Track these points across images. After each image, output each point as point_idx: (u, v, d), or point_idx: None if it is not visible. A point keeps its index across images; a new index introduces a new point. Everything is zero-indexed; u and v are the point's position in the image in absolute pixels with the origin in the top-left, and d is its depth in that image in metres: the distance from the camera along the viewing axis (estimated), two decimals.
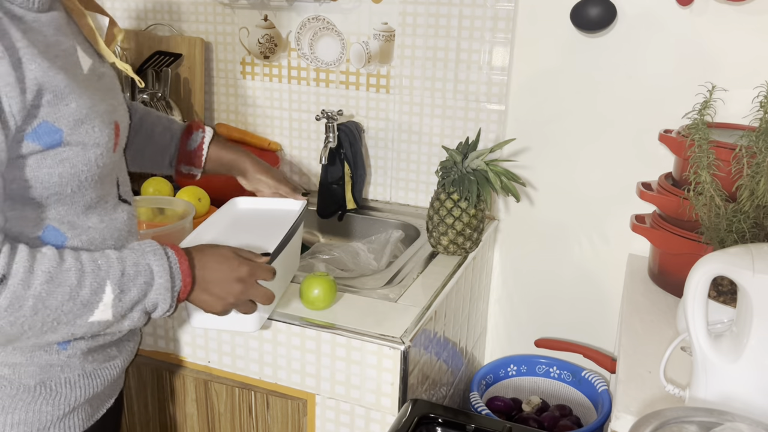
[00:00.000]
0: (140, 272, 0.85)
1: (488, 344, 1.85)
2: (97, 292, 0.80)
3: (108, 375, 0.97)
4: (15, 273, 0.74)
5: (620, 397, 1.06)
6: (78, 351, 0.90)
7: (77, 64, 0.84)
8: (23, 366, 0.86)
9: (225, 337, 1.25)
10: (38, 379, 0.87)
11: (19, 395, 0.87)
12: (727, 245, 1.18)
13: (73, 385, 0.91)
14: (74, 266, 0.79)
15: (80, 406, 0.93)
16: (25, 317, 0.76)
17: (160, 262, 0.87)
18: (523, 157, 1.66)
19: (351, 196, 1.73)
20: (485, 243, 1.60)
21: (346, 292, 1.28)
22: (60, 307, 0.78)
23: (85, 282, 0.79)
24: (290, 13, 1.75)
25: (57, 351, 0.88)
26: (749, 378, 0.93)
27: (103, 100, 0.86)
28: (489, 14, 1.57)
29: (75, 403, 0.92)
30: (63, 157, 0.81)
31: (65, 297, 0.78)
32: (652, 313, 1.32)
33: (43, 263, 0.77)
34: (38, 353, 0.87)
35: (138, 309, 0.86)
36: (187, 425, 1.36)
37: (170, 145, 1.22)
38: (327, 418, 1.23)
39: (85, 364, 0.92)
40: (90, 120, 0.82)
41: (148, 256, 0.86)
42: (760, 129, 1.20)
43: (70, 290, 0.78)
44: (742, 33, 1.41)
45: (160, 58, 1.84)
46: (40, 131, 0.78)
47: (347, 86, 1.76)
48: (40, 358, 0.87)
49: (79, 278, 0.79)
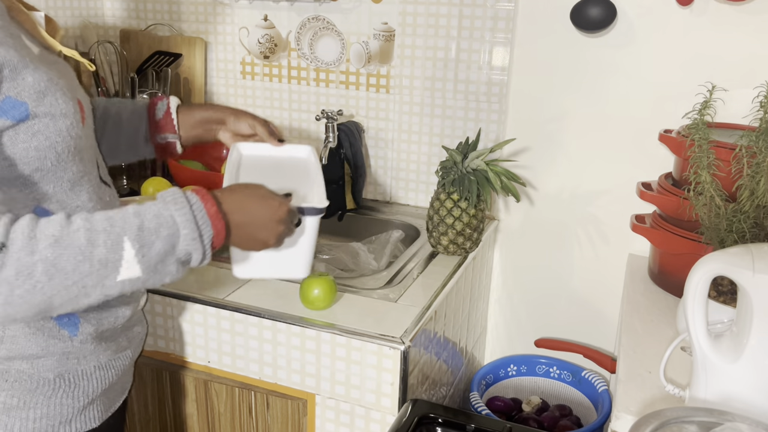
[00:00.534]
0: (162, 224, 0.80)
1: (488, 344, 1.85)
2: (114, 249, 0.77)
3: (121, 365, 0.99)
4: (13, 240, 0.72)
5: (620, 397, 1.06)
6: (88, 336, 0.91)
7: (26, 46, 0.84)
8: (40, 358, 0.87)
9: (225, 337, 1.25)
10: (56, 372, 0.89)
11: (40, 389, 0.88)
12: (727, 245, 1.18)
13: (90, 376, 0.93)
14: (83, 226, 0.76)
15: (98, 398, 0.96)
16: (42, 283, 0.73)
17: (182, 211, 0.82)
18: (523, 157, 1.66)
19: (351, 196, 1.73)
20: (485, 243, 1.60)
21: (346, 292, 1.28)
22: (76, 269, 0.74)
23: (98, 240, 0.76)
24: (290, 13, 1.75)
25: (69, 338, 0.89)
26: (749, 378, 0.93)
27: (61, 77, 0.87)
28: (489, 14, 1.57)
29: (93, 395, 0.94)
30: (35, 130, 0.81)
31: (78, 258, 0.74)
32: (652, 313, 1.32)
33: (48, 228, 0.74)
34: (52, 341, 0.87)
35: (171, 261, 0.82)
36: (187, 425, 1.36)
37: (140, 124, 1.19)
38: (327, 418, 1.23)
39: (99, 355, 0.94)
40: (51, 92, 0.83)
41: (170, 206, 0.82)
42: (760, 129, 1.20)
43: (80, 250, 0.75)
44: (742, 33, 1.41)
45: (160, 58, 1.84)
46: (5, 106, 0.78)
47: (347, 86, 1.76)
48: (55, 346, 0.88)
49: (89, 237, 0.75)
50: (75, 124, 0.86)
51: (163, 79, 1.82)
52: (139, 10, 1.92)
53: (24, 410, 0.88)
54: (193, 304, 1.26)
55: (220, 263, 1.39)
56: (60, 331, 0.88)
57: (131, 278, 0.79)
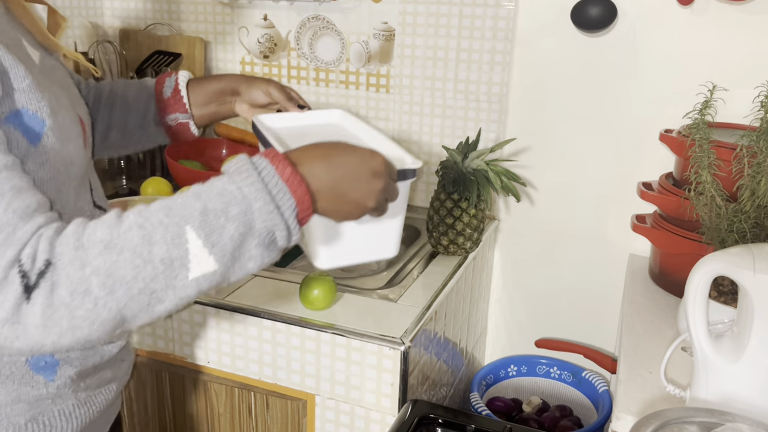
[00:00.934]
0: (230, 201, 0.65)
1: (488, 344, 1.85)
2: (176, 244, 0.63)
3: (104, 400, 0.88)
4: (60, 255, 0.61)
5: (621, 397, 1.06)
6: (67, 379, 0.81)
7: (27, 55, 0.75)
8: (9, 405, 0.77)
9: (225, 337, 1.25)
10: (29, 416, 0.78)
11: None
12: (727, 245, 1.18)
13: (69, 416, 0.82)
14: (135, 223, 0.63)
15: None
16: (103, 298, 0.61)
17: (249, 180, 0.66)
18: (523, 157, 1.66)
19: None
20: (485, 243, 1.59)
21: (346, 292, 1.28)
22: (137, 275, 0.62)
23: (155, 237, 0.63)
24: (290, 13, 1.75)
25: (45, 383, 0.78)
26: (750, 378, 0.93)
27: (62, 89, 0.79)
28: (489, 14, 1.57)
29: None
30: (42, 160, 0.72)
31: (136, 262, 0.62)
32: (652, 313, 1.32)
33: (96, 232, 0.63)
34: (24, 389, 0.77)
35: (251, 245, 0.67)
36: (187, 425, 1.36)
37: (149, 103, 1.07)
38: (327, 419, 1.23)
39: (78, 393, 0.83)
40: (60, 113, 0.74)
41: (235, 178, 0.66)
42: (760, 129, 1.19)
43: (137, 253, 0.62)
44: (742, 33, 1.41)
45: (159, 57, 1.84)
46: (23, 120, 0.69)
47: (347, 86, 1.76)
48: (27, 394, 0.77)
49: (143, 235, 0.63)
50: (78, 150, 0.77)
51: None
52: (139, 9, 1.92)
53: None
54: (193, 304, 1.25)
55: None
56: (34, 377, 0.78)
57: (206, 273, 0.65)
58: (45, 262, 0.60)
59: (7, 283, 0.59)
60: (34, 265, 0.60)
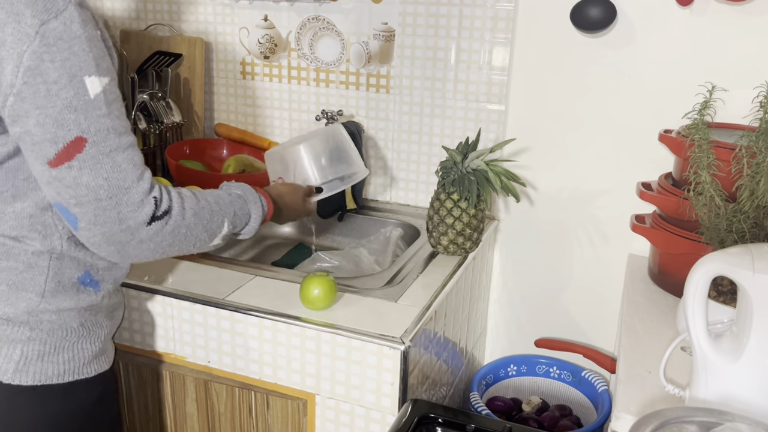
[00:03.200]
0: (243, 216, 1.12)
1: (488, 344, 1.85)
2: (220, 226, 1.05)
3: (118, 316, 1.15)
4: (175, 206, 0.96)
5: (620, 397, 1.06)
6: (107, 292, 1.07)
7: None
8: (68, 311, 1.01)
9: (225, 337, 1.25)
10: (78, 322, 1.03)
11: (68, 336, 1.02)
12: (727, 245, 1.18)
13: (101, 324, 1.08)
14: (206, 206, 1.02)
15: (106, 345, 1.10)
16: (180, 241, 0.98)
17: (257, 213, 1.15)
18: (523, 157, 1.66)
19: (351, 196, 1.73)
20: (485, 243, 1.60)
21: (346, 292, 1.28)
22: (199, 235, 1.01)
23: (215, 218, 1.04)
24: (290, 13, 1.75)
25: (94, 293, 1.05)
26: (749, 378, 0.93)
27: None
28: (489, 14, 1.57)
29: (104, 340, 1.09)
30: None
31: (203, 227, 1.01)
32: (652, 313, 1.32)
33: (189, 202, 0.99)
34: (83, 296, 1.03)
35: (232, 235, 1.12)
36: (187, 425, 1.36)
37: None
38: (327, 418, 1.23)
39: (107, 308, 1.10)
40: None
41: (251, 206, 1.13)
42: (760, 129, 1.20)
43: (207, 223, 1.02)
44: (742, 33, 1.41)
45: (160, 58, 1.84)
46: None
47: (347, 86, 1.76)
48: (83, 301, 1.03)
49: (210, 215, 1.03)
50: None
51: (163, 79, 1.82)
52: (139, 10, 1.92)
53: (55, 355, 1.01)
54: (193, 304, 1.26)
55: (221, 263, 1.39)
56: (86, 289, 1.04)
57: (215, 245, 1.07)
58: (167, 206, 0.95)
59: (142, 205, 0.92)
60: (161, 204, 0.94)
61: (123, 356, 1.36)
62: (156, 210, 0.93)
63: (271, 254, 1.69)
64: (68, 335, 1.02)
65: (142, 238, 0.93)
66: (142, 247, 0.94)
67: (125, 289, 1.29)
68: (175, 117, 1.82)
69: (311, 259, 1.61)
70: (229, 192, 1.12)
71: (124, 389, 1.39)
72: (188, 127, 1.91)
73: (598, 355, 1.58)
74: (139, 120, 1.78)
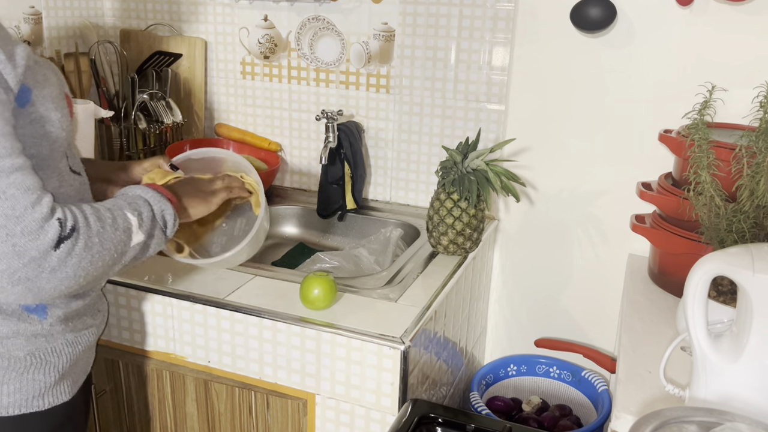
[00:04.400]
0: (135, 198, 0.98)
1: (488, 344, 1.85)
2: (125, 219, 0.93)
3: (86, 341, 1.04)
4: (79, 219, 0.85)
5: (620, 397, 1.07)
6: (56, 319, 0.97)
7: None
8: (10, 338, 0.93)
9: (225, 337, 1.25)
10: (27, 351, 0.94)
11: (12, 366, 0.93)
12: (727, 245, 1.18)
13: (59, 352, 0.98)
14: (101, 206, 0.91)
15: (66, 374, 1.00)
16: (99, 253, 0.86)
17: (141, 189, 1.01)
18: (523, 157, 1.66)
19: (351, 196, 1.73)
20: (485, 243, 1.60)
21: (346, 292, 1.28)
22: (113, 237, 0.89)
23: (115, 214, 0.91)
24: (290, 13, 1.75)
25: (39, 321, 0.95)
26: (749, 378, 0.93)
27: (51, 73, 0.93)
28: (489, 14, 1.57)
29: (62, 370, 0.99)
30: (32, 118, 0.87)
31: (112, 228, 0.89)
32: (652, 313, 1.32)
33: (86, 209, 0.88)
34: (23, 325, 0.93)
35: (156, 227, 0.98)
36: (187, 425, 1.36)
37: None
38: (327, 418, 1.23)
39: (66, 334, 0.99)
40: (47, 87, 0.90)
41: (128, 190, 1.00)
42: (760, 129, 1.20)
43: (111, 222, 0.90)
44: (742, 33, 1.41)
45: (160, 58, 1.84)
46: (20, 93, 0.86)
47: (347, 86, 1.76)
48: (26, 330, 0.93)
49: (110, 212, 0.91)
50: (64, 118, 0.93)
51: (163, 79, 1.82)
52: (139, 10, 1.92)
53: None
54: (193, 304, 1.26)
55: None
56: (29, 317, 0.94)
57: (139, 242, 0.95)
58: (72, 222, 0.83)
59: (43, 231, 0.80)
60: (66, 223, 0.82)
61: (123, 356, 1.36)
62: (62, 230, 0.82)
63: (271, 254, 1.69)
64: (12, 365, 0.93)
65: (53, 266, 0.81)
66: (58, 276, 0.82)
67: (125, 289, 1.29)
68: (175, 117, 1.82)
69: (311, 260, 1.61)
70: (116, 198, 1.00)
71: (124, 389, 1.39)
72: (188, 127, 1.91)
73: (598, 355, 1.58)
74: (139, 120, 1.78)
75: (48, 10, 1.76)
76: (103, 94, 1.79)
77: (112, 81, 1.83)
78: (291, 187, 1.90)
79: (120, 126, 1.80)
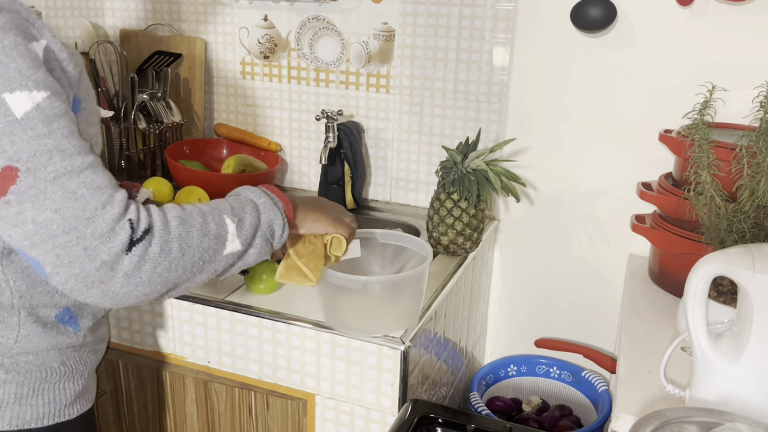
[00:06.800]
0: (244, 203, 0.92)
1: (488, 344, 1.85)
2: (221, 224, 0.87)
3: (102, 349, 1.07)
4: (156, 221, 0.80)
5: (620, 397, 1.06)
6: (87, 329, 0.98)
7: None
8: (49, 351, 0.94)
9: (225, 337, 1.25)
10: (59, 361, 0.95)
11: (48, 377, 0.94)
12: (727, 245, 1.18)
13: (85, 360, 1.00)
14: (193, 210, 0.86)
15: (88, 383, 1.02)
16: (177, 260, 0.81)
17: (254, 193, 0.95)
18: (523, 157, 1.66)
19: (351, 196, 1.73)
20: (485, 243, 1.60)
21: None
22: (199, 244, 0.84)
23: (209, 219, 0.86)
24: (290, 13, 1.75)
25: (74, 333, 0.96)
26: (749, 378, 0.93)
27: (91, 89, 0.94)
28: (489, 14, 1.57)
29: (87, 377, 1.01)
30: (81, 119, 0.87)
31: (200, 234, 0.84)
32: (652, 313, 1.32)
33: (171, 212, 0.83)
34: (60, 338, 0.94)
35: (259, 235, 0.92)
36: (187, 425, 1.36)
37: None
38: (327, 419, 1.23)
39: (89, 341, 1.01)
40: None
41: (242, 192, 0.96)
42: (760, 129, 1.20)
43: (200, 227, 0.84)
44: (742, 33, 1.41)
45: (160, 58, 1.84)
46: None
47: (347, 86, 1.76)
48: (62, 341, 0.94)
49: (202, 216, 0.85)
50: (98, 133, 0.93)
51: (163, 79, 1.82)
52: (139, 10, 1.92)
53: (34, 397, 0.93)
54: (193, 304, 1.26)
55: None
56: (65, 329, 0.95)
57: (233, 252, 0.88)
58: (147, 224, 0.79)
59: (114, 234, 0.76)
60: (139, 225, 0.78)
61: (123, 356, 1.36)
62: (133, 233, 0.77)
63: None
64: (48, 376, 0.94)
65: (126, 270, 0.77)
66: (132, 281, 0.78)
67: None
68: (175, 117, 1.82)
69: None
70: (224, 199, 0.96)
71: (124, 389, 1.39)
72: (188, 127, 1.91)
73: (598, 355, 1.58)
74: (139, 120, 1.78)
75: (48, 10, 1.76)
76: (103, 94, 1.79)
77: (111, 81, 1.83)
78: (291, 187, 1.90)
79: (120, 126, 1.80)
